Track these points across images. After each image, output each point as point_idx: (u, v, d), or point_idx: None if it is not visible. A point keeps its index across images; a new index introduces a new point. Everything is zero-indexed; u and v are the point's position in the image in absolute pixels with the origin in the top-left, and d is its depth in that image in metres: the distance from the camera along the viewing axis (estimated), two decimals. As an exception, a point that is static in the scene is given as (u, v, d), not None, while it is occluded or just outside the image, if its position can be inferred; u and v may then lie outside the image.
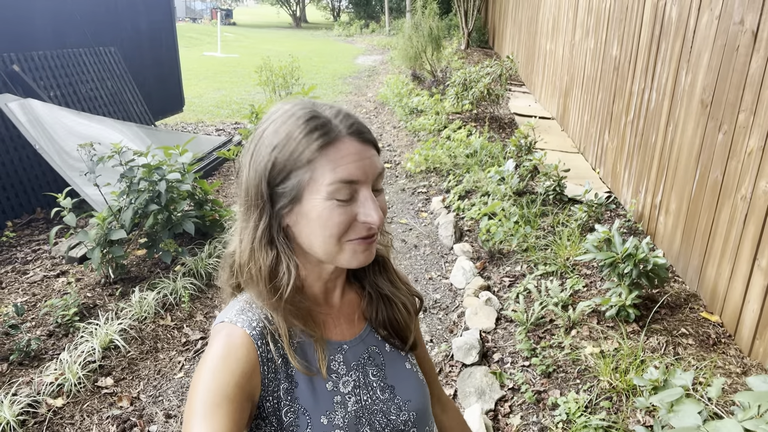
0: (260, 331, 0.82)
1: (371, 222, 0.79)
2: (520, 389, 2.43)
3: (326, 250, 0.81)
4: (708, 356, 2.43)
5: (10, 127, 4.43)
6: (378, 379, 0.92)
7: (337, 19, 35.57)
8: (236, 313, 0.84)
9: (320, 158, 0.77)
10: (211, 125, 8.08)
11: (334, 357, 0.89)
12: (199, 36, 22.70)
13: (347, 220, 0.79)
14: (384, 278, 0.99)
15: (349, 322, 0.95)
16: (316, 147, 0.77)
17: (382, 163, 0.84)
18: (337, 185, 0.77)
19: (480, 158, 5.23)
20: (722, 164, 2.69)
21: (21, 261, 3.79)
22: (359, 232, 0.80)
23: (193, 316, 3.17)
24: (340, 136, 0.79)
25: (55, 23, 5.59)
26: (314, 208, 0.78)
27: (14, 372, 2.67)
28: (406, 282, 1.04)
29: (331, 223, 0.78)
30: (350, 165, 0.78)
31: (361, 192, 0.79)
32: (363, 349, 0.93)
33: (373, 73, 13.23)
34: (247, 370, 0.77)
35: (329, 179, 0.77)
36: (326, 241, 0.80)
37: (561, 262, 3.30)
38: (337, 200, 0.78)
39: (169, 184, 3.45)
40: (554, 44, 7.09)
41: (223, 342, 0.79)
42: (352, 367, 0.90)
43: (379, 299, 0.97)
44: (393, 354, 0.97)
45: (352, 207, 0.79)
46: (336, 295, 0.94)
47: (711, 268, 2.77)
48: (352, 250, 0.81)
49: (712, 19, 2.85)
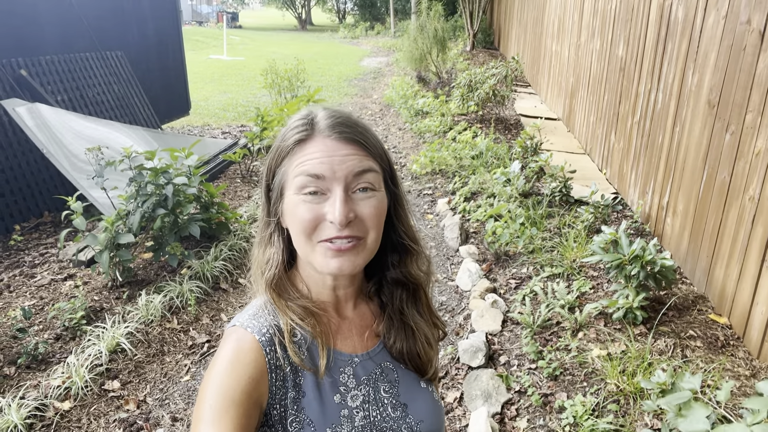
0: (270, 337, 0.82)
1: (332, 219, 0.77)
2: (526, 392, 2.42)
3: (301, 249, 0.82)
4: (716, 359, 2.41)
5: (17, 131, 4.46)
6: (390, 396, 0.90)
7: (343, 21, 35.64)
8: (248, 317, 0.85)
9: (295, 153, 0.80)
10: (217, 128, 8.11)
11: (344, 369, 0.87)
12: (205, 39, 22.80)
13: (314, 217, 0.78)
14: (412, 307, 0.95)
15: (360, 336, 0.92)
16: (293, 142, 0.80)
17: (368, 164, 0.81)
18: (302, 178, 0.78)
19: (486, 160, 5.22)
20: (730, 165, 2.67)
21: (29, 264, 3.81)
22: (328, 232, 0.78)
23: (199, 319, 3.17)
24: (315, 133, 0.80)
25: (62, 28, 5.62)
26: (289, 203, 0.81)
27: (22, 375, 2.68)
28: (434, 312, 1.00)
29: (298, 219, 0.79)
30: (315, 160, 0.78)
31: (332, 190, 0.78)
32: (375, 364, 0.91)
33: (379, 75, 13.24)
34: (255, 376, 0.77)
35: (296, 172, 0.79)
36: (299, 238, 0.81)
37: (567, 264, 3.28)
38: (303, 195, 0.78)
39: (176, 188, 3.46)
40: (560, 45, 7.07)
41: (232, 347, 0.79)
42: (363, 381, 0.88)
43: (400, 328, 0.93)
44: (408, 372, 0.94)
45: (321, 205, 0.78)
46: (348, 306, 0.93)
47: (719, 269, 2.75)
48: (322, 253, 0.79)
49: (719, 19, 2.83)
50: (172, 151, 3.79)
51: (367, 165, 0.81)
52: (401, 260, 0.93)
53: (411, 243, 0.92)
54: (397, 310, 0.94)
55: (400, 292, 0.94)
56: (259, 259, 0.89)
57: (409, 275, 0.93)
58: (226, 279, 3.54)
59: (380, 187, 0.83)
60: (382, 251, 0.90)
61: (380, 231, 0.84)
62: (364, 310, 0.95)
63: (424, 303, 0.97)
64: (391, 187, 0.88)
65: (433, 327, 0.98)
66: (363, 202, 0.80)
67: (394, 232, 0.91)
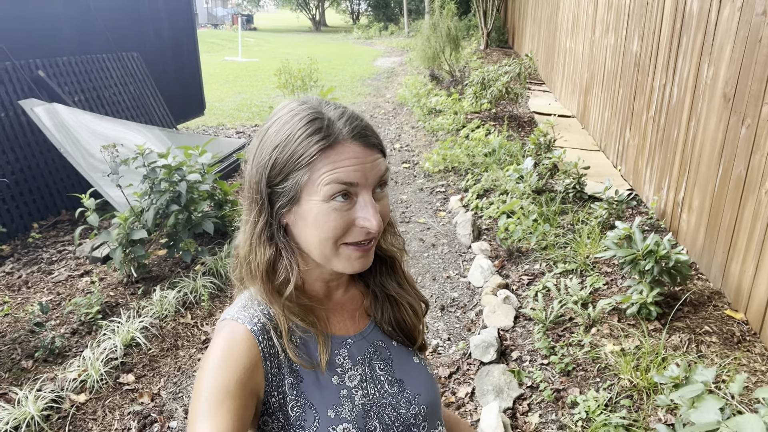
0: (261, 326, 0.82)
1: (369, 227, 0.77)
2: (538, 387, 2.41)
3: (322, 252, 0.81)
4: (732, 354, 2.37)
5: (36, 131, 4.54)
6: (385, 373, 0.92)
7: (356, 22, 35.72)
8: (238, 309, 0.85)
9: (319, 160, 0.76)
10: (231, 128, 8.17)
11: (339, 351, 0.89)
12: (220, 41, 23.00)
13: (344, 224, 0.78)
14: (391, 279, 0.98)
15: (352, 318, 0.94)
16: (317, 149, 0.76)
17: (386, 166, 0.82)
18: (335, 187, 0.76)
19: (498, 157, 5.19)
20: (746, 159, 2.63)
21: (46, 261, 3.88)
22: (356, 236, 0.79)
23: (212, 314, 3.20)
24: (340, 139, 0.77)
25: (79, 30, 5.71)
26: (311, 210, 0.78)
27: (39, 369, 2.73)
28: (413, 285, 1.03)
29: (327, 227, 0.78)
30: (349, 168, 0.76)
31: (360, 196, 0.78)
32: (368, 343, 0.93)
33: (392, 75, 13.25)
34: (248, 366, 0.77)
35: (327, 181, 0.76)
36: (322, 243, 0.79)
37: (581, 260, 3.26)
38: (334, 203, 0.77)
39: (190, 185, 3.49)
40: (574, 42, 7.02)
41: (224, 339, 0.79)
42: (358, 361, 0.90)
43: (384, 299, 0.96)
44: (400, 349, 0.96)
45: (351, 211, 0.78)
46: (339, 292, 0.94)
47: (735, 264, 2.71)
48: (347, 256, 0.80)
49: (734, 11, 2.79)
50: (186, 149, 3.83)
51: (385, 166, 0.82)
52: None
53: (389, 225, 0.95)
54: (378, 283, 0.97)
55: (378, 265, 0.96)
56: (251, 255, 0.85)
57: (383, 250, 0.95)
58: (239, 275, 3.56)
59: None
60: None
61: None
62: (354, 293, 0.97)
63: (401, 275, 0.99)
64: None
65: (416, 299, 1.00)
66: (381, 203, 0.81)
67: None
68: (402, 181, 5.48)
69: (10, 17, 4.91)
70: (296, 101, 0.83)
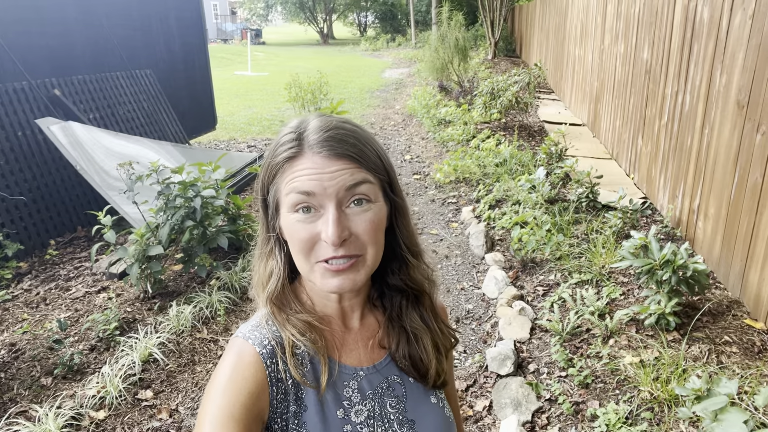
0: (271, 349, 0.80)
1: (324, 238, 0.74)
2: (557, 400, 2.39)
3: (301, 268, 0.79)
4: (753, 364, 2.34)
5: (52, 149, 4.61)
6: (396, 412, 0.86)
7: (364, 34, 35.98)
8: (251, 329, 0.84)
9: (284, 170, 0.77)
10: (242, 142, 8.24)
11: (348, 383, 0.84)
12: (230, 56, 23.25)
13: (309, 236, 0.75)
14: (413, 312, 0.92)
15: (366, 348, 0.89)
16: (283, 159, 0.77)
17: (361, 175, 0.77)
18: (293, 197, 0.75)
19: (510, 167, 5.19)
20: (762, 166, 2.62)
21: (64, 278, 3.92)
22: (325, 250, 0.75)
23: (228, 329, 3.22)
24: (305, 148, 0.76)
25: (93, 48, 5.81)
26: (284, 223, 0.79)
27: (58, 385, 2.75)
28: (444, 320, 0.97)
29: (294, 239, 0.77)
30: (305, 177, 0.75)
31: (325, 207, 0.75)
32: (382, 377, 0.88)
33: (401, 86, 13.30)
34: (254, 390, 0.76)
35: (287, 190, 0.76)
36: (297, 257, 0.78)
37: (596, 270, 3.24)
38: (297, 215, 0.76)
39: (204, 200, 3.53)
40: (583, 50, 7.02)
41: (232, 360, 0.79)
42: (368, 396, 0.85)
43: (401, 333, 0.90)
44: (417, 386, 0.90)
45: (315, 224, 0.75)
46: (354, 317, 0.90)
47: (754, 273, 2.68)
48: (321, 274, 0.77)
49: (746, 19, 2.78)
50: (200, 165, 3.86)
51: (360, 177, 0.77)
52: (401, 267, 0.90)
53: (410, 253, 0.89)
54: (397, 315, 0.91)
55: (400, 298, 0.91)
56: (260, 272, 0.87)
57: (410, 281, 0.90)
58: (254, 289, 3.58)
59: (377, 197, 0.79)
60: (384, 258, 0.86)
61: (380, 244, 0.80)
62: (370, 321, 0.92)
63: (428, 309, 0.93)
64: (391, 195, 0.84)
65: (440, 333, 0.94)
66: (358, 218, 0.76)
67: (395, 241, 0.88)
68: (413, 192, 5.49)
69: (27, 37, 5.01)
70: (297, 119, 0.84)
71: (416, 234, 0.92)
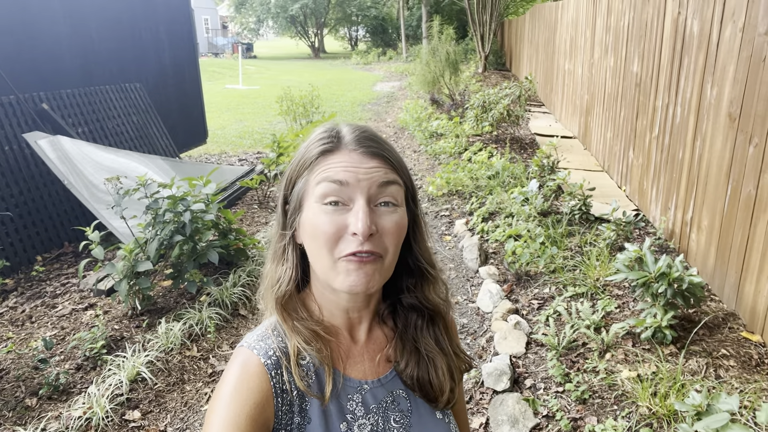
0: (276, 360, 0.79)
1: (354, 229, 0.74)
2: (554, 416, 2.35)
3: (321, 264, 0.79)
4: (752, 378, 2.32)
5: (39, 163, 4.55)
6: (401, 427, 0.85)
7: (355, 48, 36.19)
8: (257, 339, 0.83)
9: (318, 163, 0.79)
10: (234, 156, 8.20)
11: (353, 397, 0.84)
12: (221, 70, 23.26)
13: (336, 229, 0.75)
14: (427, 334, 0.90)
15: (372, 361, 0.88)
16: (317, 153, 0.80)
17: (391, 179, 0.79)
18: (326, 186, 0.77)
19: (502, 180, 5.18)
20: (755, 178, 2.61)
21: (50, 295, 3.84)
22: (350, 245, 0.75)
23: (219, 347, 3.15)
24: (341, 145, 0.80)
25: (82, 62, 5.76)
26: (308, 216, 0.79)
27: (43, 406, 2.67)
28: (457, 343, 0.95)
29: (319, 231, 0.76)
30: (340, 168, 0.77)
31: (355, 201, 0.76)
32: (386, 391, 0.86)
33: (392, 99, 13.34)
34: (259, 401, 0.75)
35: (319, 179, 0.78)
36: (319, 252, 0.78)
37: (591, 283, 3.22)
38: (326, 207, 0.76)
39: (194, 215, 3.48)
40: (573, 64, 7.07)
41: (237, 370, 0.78)
42: (372, 410, 0.84)
43: (413, 353, 0.89)
44: (422, 401, 0.89)
45: (343, 216, 0.76)
46: (362, 330, 0.89)
47: (749, 285, 2.67)
48: (344, 269, 0.76)
49: (736, 32, 2.80)
50: (190, 180, 3.82)
51: (392, 177, 0.80)
52: (417, 285, 0.90)
53: (428, 267, 0.89)
54: (410, 336, 0.90)
55: (415, 318, 0.90)
56: (270, 275, 0.87)
57: (426, 300, 0.89)
58: (245, 305, 3.52)
59: (402, 203, 0.81)
60: (397, 274, 0.87)
61: (398, 250, 0.80)
62: (378, 335, 0.91)
63: (442, 330, 0.91)
64: (412, 206, 0.86)
65: (455, 357, 0.92)
66: (384, 218, 0.77)
67: (411, 255, 0.88)
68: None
69: (15, 51, 4.96)
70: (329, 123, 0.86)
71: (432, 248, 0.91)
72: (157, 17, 7.06)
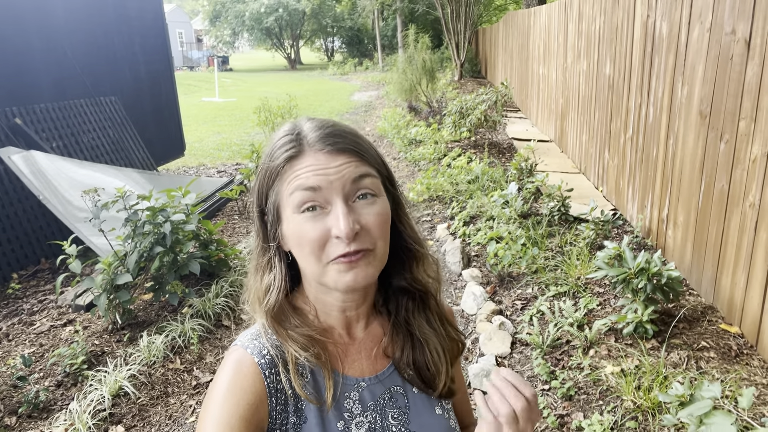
0: (270, 359, 0.78)
1: (337, 233, 0.71)
2: (541, 414, 2.36)
3: (312, 271, 0.76)
4: (732, 368, 2.37)
5: (13, 179, 4.46)
6: (399, 424, 0.84)
7: (331, 59, 36.28)
8: (250, 338, 0.81)
9: (286, 171, 0.76)
10: (212, 167, 8.14)
11: (350, 394, 0.82)
12: (197, 83, 23.12)
13: (320, 234, 0.73)
14: (420, 316, 0.89)
15: (369, 358, 0.86)
16: (283, 160, 0.76)
17: (365, 168, 0.76)
18: (299, 194, 0.73)
19: (482, 183, 5.23)
20: (727, 173, 2.68)
21: (27, 312, 3.76)
22: (337, 248, 0.73)
23: (202, 358, 3.11)
24: (305, 148, 0.75)
25: (56, 76, 5.69)
26: (290, 227, 0.76)
27: (23, 425, 2.61)
28: (451, 322, 0.94)
29: (304, 240, 0.74)
30: (310, 173, 0.73)
31: (332, 203, 0.73)
32: (384, 388, 0.85)
33: (370, 108, 13.40)
34: (253, 402, 0.74)
35: (291, 189, 0.74)
36: (308, 260, 0.75)
37: (572, 282, 3.26)
38: (305, 214, 0.73)
39: (174, 225, 3.44)
40: (547, 69, 7.19)
41: (230, 371, 0.76)
42: (369, 407, 0.83)
43: (407, 338, 0.87)
44: (420, 397, 0.87)
45: (325, 221, 0.73)
46: (359, 327, 0.87)
47: (725, 278, 2.73)
48: (336, 271, 0.74)
49: (704, 32, 2.88)
50: (168, 191, 3.78)
51: (364, 170, 0.76)
52: (406, 266, 0.88)
53: (416, 245, 0.87)
54: (402, 320, 0.88)
55: (406, 300, 0.88)
56: (256, 286, 0.84)
57: (415, 281, 0.88)
58: (228, 316, 3.49)
59: (380, 192, 0.79)
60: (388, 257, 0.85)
61: (387, 237, 0.78)
62: (375, 328, 0.89)
63: (434, 312, 0.90)
64: (391, 190, 0.84)
65: (449, 338, 0.91)
66: (365, 210, 0.75)
67: (399, 237, 0.86)
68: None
69: (-15, 67, 4.87)
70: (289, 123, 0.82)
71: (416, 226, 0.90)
72: (131, 31, 7.01)
